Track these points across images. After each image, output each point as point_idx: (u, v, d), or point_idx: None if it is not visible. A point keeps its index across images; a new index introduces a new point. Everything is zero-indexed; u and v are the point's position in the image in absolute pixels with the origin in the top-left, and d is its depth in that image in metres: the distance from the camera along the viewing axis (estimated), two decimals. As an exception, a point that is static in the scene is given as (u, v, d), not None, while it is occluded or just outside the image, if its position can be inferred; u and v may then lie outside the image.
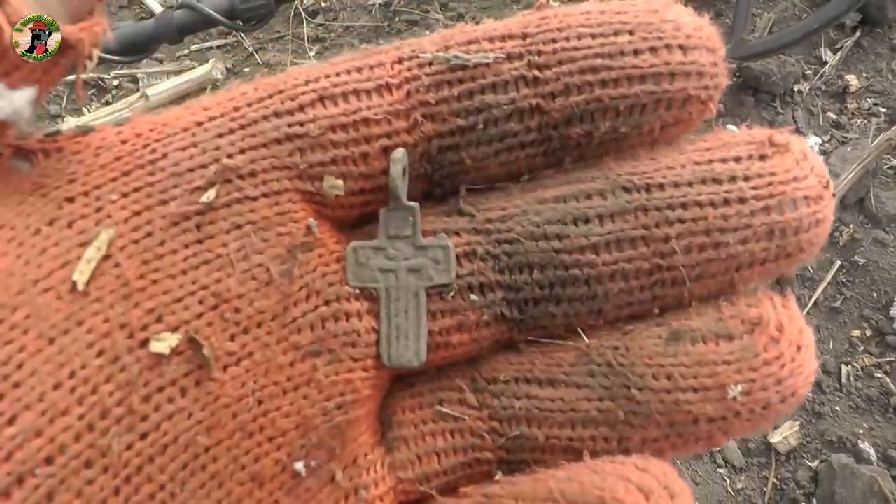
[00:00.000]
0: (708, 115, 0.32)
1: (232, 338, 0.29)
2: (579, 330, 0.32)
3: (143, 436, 0.27)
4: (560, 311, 0.31)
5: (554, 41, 0.31)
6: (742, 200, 0.30)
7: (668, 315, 0.32)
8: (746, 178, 0.30)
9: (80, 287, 0.26)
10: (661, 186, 0.31)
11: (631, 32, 0.31)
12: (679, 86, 0.31)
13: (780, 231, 0.30)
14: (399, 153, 0.31)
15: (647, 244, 0.30)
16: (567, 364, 0.31)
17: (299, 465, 0.30)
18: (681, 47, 0.31)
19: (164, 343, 0.27)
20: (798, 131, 1.48)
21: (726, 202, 0.30)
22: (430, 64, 0.31)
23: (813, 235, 0.31)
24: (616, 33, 0.31)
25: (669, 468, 0.29)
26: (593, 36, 0.31)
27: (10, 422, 0.24)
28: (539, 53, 0.31)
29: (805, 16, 1.59)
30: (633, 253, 0.30)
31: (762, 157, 0.31)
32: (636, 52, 0.31)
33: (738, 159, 0.31)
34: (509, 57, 0.31)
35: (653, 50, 0.31)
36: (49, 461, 0.25)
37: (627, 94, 0.31)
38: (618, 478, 0.28)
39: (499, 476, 0.31)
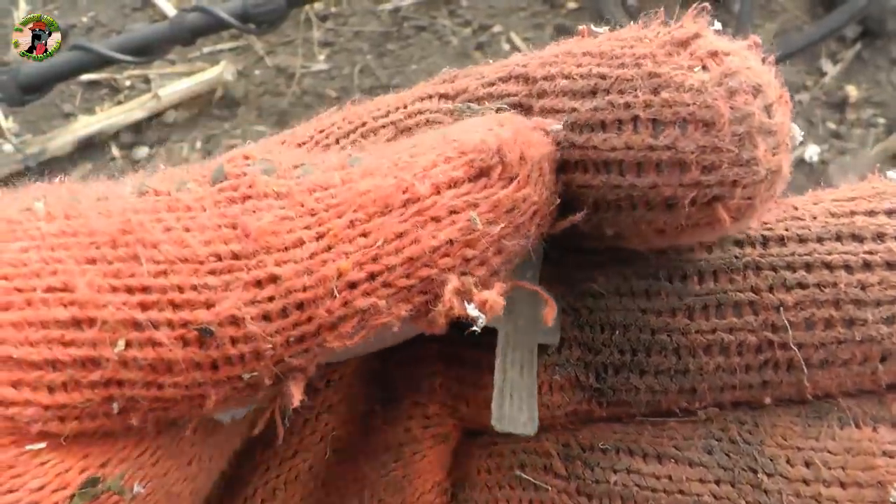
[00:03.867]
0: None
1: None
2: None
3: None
4: (644, 384, 0.26)
5: None
6: (891, 266, 0.23)
7: None
8: None
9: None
10: (781, 240, 0.24)
11: None
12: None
13: None
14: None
15: (756, 312, 0.24)
16: (681, 436, 0.25)
17: None
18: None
19: None
20: (798, 140, 1.49)
21: (866, 266, 0.23)
22: None
23: None
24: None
25: None
26: None
27: None
28: None
29: (806, 27, 1.62)
30: (737, 321, 0.24)
31: None
32: None
33: (891, 213, 0.24)
34: None
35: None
36: None
37: None
38: None
39: None
